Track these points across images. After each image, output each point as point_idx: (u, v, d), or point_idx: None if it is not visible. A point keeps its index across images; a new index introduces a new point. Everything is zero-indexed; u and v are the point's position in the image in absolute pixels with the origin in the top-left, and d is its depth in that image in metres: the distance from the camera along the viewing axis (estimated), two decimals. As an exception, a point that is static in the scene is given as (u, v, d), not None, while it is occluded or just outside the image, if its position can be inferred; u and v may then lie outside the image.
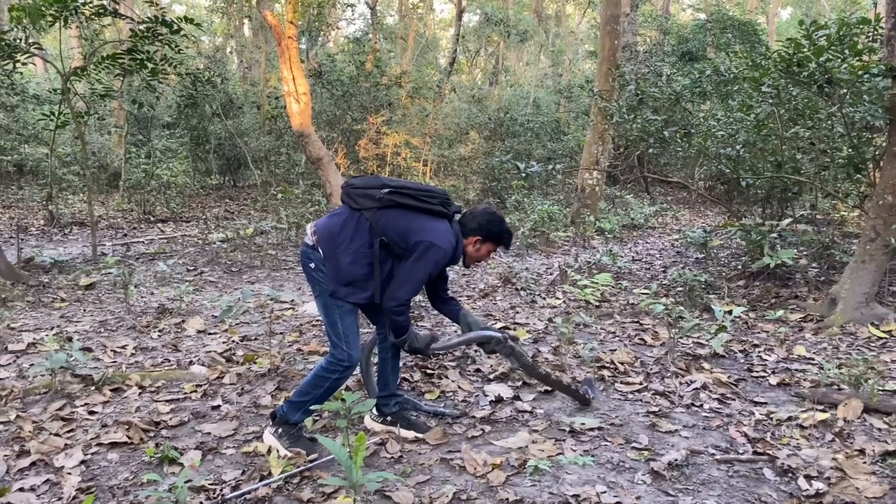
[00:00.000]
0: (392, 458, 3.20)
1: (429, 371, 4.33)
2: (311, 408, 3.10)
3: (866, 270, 5.44)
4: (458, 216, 3.25)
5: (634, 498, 2.83)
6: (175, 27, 9.02)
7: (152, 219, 13.57)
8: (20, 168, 18.20)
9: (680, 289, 6.77)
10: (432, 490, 2.88)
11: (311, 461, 3.06)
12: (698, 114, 8.46)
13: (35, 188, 15.83)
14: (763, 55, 6.20)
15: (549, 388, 3.96)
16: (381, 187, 3.05)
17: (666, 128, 7.72)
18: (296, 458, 3.09)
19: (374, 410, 3.51)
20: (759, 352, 4.85)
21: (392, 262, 3.09)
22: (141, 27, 9.01)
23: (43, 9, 8.52)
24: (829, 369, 4.11)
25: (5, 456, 3.16)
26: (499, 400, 3.88)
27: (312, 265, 3.11)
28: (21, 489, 2.89)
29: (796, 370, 4.44)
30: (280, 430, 3.19)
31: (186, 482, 2.52)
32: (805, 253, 7.61)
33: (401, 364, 4.41)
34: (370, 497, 2.81)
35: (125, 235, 11.55)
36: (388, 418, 3.47)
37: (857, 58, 5.74)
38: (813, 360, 4.65)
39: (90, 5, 8.59)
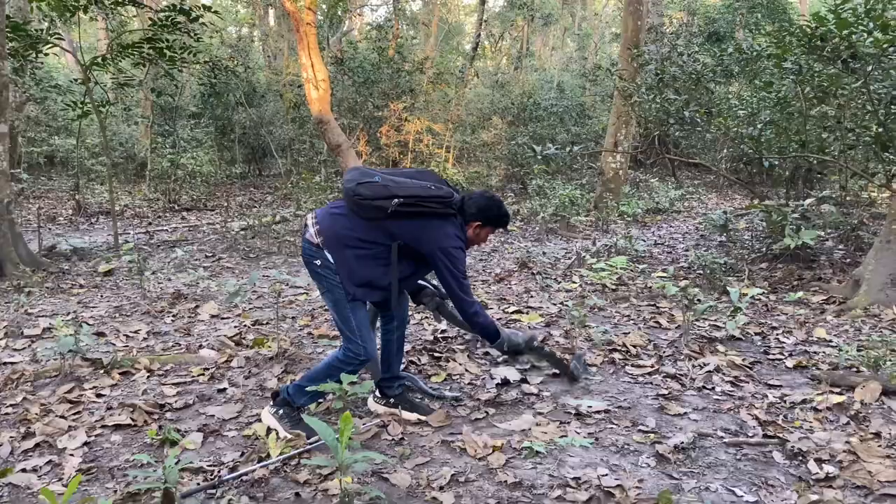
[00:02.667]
0: (393, 440, 3.17)
1: (437, 354, 4.29)
2: (310, 388, 3.08)
3: (892, 251, 5.28)
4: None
5: (637, 481, 2.76)
6: (193, 15, 9.05)
7: (177, 207, 13.70)
8: (51, 159, 18.53)
9: (700, 272, 6.65)
10: (431, 472, 2.84)
11: (311, 443, 3.05)
12: (723, 93, 8.28)
13: (64, 178, 16.10)
14: (787, 31, 6.01)
15: (556, 372, 3.92)
16: (390, 198, 2.99)
17: (686, 108, 7.55)
18: (295, 440, 3.07)
19: (378, 392, 3.48)
20: (777, 334, 4.73)
21: (411, 261, 3.16)
22: (160, 16, 9.06)
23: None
24: (846, 351, 3.98)
25: (11, 437, 3.19)
26: (505, 383, 3.83)
27: (318, 262, 3.11)
28: (23, 470, 2.91)
29: (814, 353, 4.32)
30: (281, 412, 3.18)
31: (176, 463, 2.50)
32: (832, 234, 7.42)
33: (408, 347, 4.39)
34: (367, 479, 2.79)
35: (150, 224, 11.67)
36: (392, 400, 3.44)
37: (884, 31, 5.55)
38: (832, 342, 4.52)
39: (110, -6, 8.65)
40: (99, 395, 3.72)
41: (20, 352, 4.52)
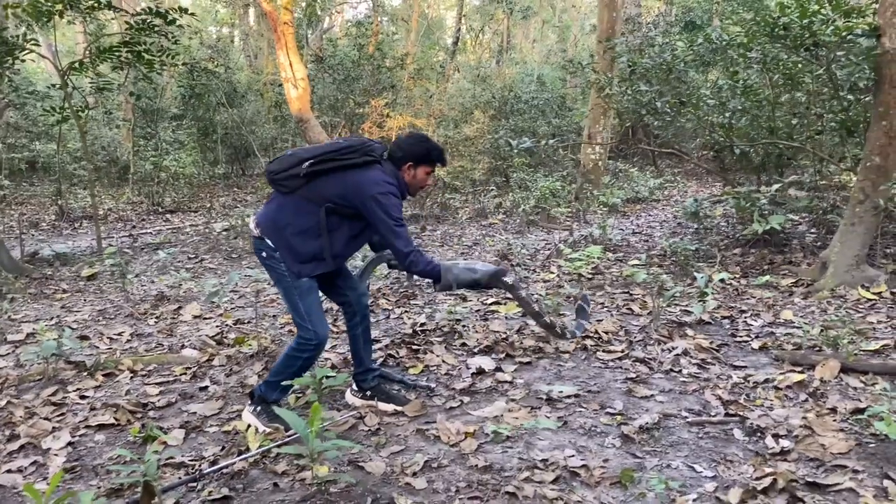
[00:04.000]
0: (370, 430, 3.28)
1: (415, 347, 4.40)
2: (284, 383, 3.18)
3: (856, 233, 5.43)
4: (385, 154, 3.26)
5: (602, 461, 2.88)
6: (170, 18, 9.08)
7: (161, 210, 13.72)
8: (32, 165, 18.44)
9: (674, 258, 6.78)
10: (405, 459, 2.95)
11: (289, 436, 3.15)
12: (696, 83, 8.40)
13: (47, 184, 16.06)
14: (752, 20, 6.14)
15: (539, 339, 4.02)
16: (300, 163, 3.09)
17: (658, 98, 7.68)
18: (274, 433, 3.17)
19: (354, 386, 3.58)
20: (745, 317, 4.87)
21: (347, 222, 3.15)
22: (136, 19, 9.08)
23: (40, 4, 8.58)
24: (807, 332, 4.12)
25: (-4, 440, 3.28)
26: (480, 372, 3.94)
27: (264, 254, 3.19)
28: (9, 471, 3.00)
29: (781, 334, 4.45)
30: (259, 409, 3.28)
31: (158, 458, 2.60)
32: (805, 218, 7.58)
33: (386, 341, 4.50)
34: (343, 467, 2.89)
35: (133, 227, 11.71)
36: (368, 393, 3.54)
37: (847, 18, 5.69)
38: (798, 324, 4.66)
39: (86, -1, 8.65)
40: (83, 397, 3.81)
41: (4, 357, 4.59)
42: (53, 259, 7.72)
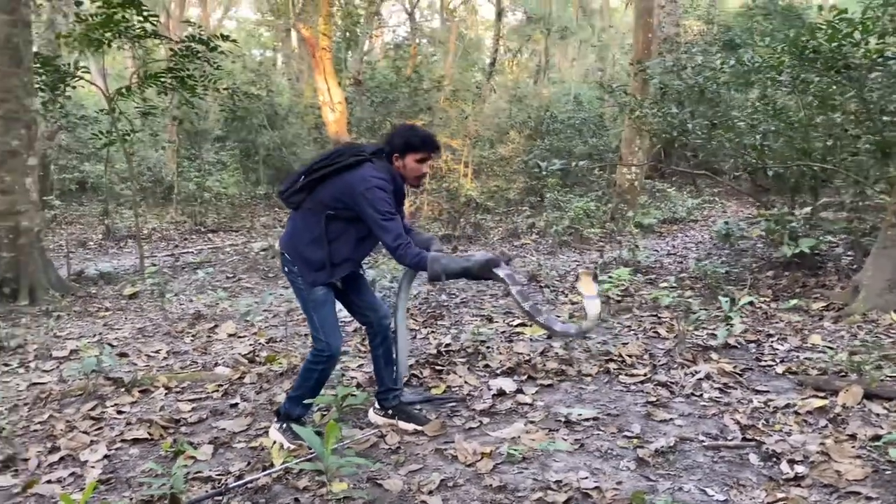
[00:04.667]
0: (390, 448, 3.37)
1: (438, 367, 4.49)
2: (306, 401, 3.29)
3: (889, 256, 5.36)
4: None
5: (615, 483, 2.92)
6: (212, 45, 9.42)
7: (203, 229, 14.08)
8: (82, 185, 19.10)
9: (708, 281, 6.75)
10: (422, 478, 3.03)
11: (311, 453, 3.25)
12: (731, 103, 8.36)
13: (95, 204, 16.62)
14: (781, 43, 6.14)
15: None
16: (299, 177, 3.28)
17: (691, 120, 7.68)
18: (298, 450, 3.28)
19: (377, 404, 3.68)
20: (772, 341, 4.84)
21: (352, 226, 3.24)
22: (180, 46, 9.43)
23: (90, 34, 8.96)
24: (831, 356, 4.10)
25: (38, 452, 3.45)
26: (501, 393, 4.00)
27: (286, 269, 3.38)
28: (48, 481, 3.17)
29: (806, 359, 4.42)
30: (284, 426, 3.40)
31: (186, 472, 2.73)
32: (844, 240, 7.47)
33: (411, 361, 4.60)
34: (362, 484, 2.99)
35: (176, 246, 12.04)
36: (390, 412, 3.64)
37: (880, 40, 5.66)
38: (826, 348, 4.62)
39: (133, 28, 9.02)
40: (119, 412, 3.98)
41: (49, 372, 4.81)
42: (98, 278, 8.02)
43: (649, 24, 12.45)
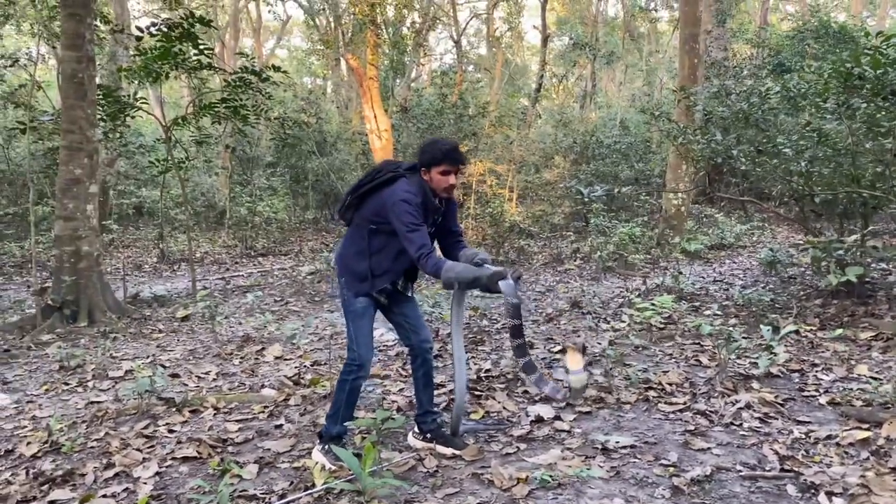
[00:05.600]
0: (428, 472, 3.44)
1: (477, 392, 4.55)
2: (346, 424, 3.40)
3: (939, 286, 5.24)
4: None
5: (649, 511, 2.94)
6: (264, 76, 9.77)
7: (253, 253, 14.45)
8: (139, 209, 19.81)
9: (753, 309, 6.68)
10: (458, 501, 3.10)
11: (351, 474, 3.35)
12: (782, 127, 8.27)
13: (150, 228, 17.20)
14: (827, 70, 6.10)
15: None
16: (348, 196, 3.53)
17: (736, 146, 7.64)
18: (339, 471, 3.38)
19: (416, 428, 3.76)
20: (816, 371, 4.77)
21: (393, 239, 3.41)
22: (233, 77, 9.81)
23: (149, 65, 9.39)
24: (876, 386, 4.03)
25: (94, 468, 3.63)
26: (539, 420, 4.05)
27: (338, 282, 3.62)
28: (104, 496, 3.33)
29: (851, 389, 4.35)
30: (326, 447, 3.51)
31: (232, 490, 2.85)
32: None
33: (452, 386, 4.67)
34: (400, 507, 3.07)
35: (227, 270, 12.39)
36: (428, 435, 3.71)
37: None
38: (873, 379, 4.54)
39: (189, 61, 9.42)
40: (171, 431, 4.14)
41: (105, 391, 5.04)
42: (152, 300, 8.33)
43: (695, 49, 12.42)
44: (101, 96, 8.95)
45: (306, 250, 14.79)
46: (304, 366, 5.47)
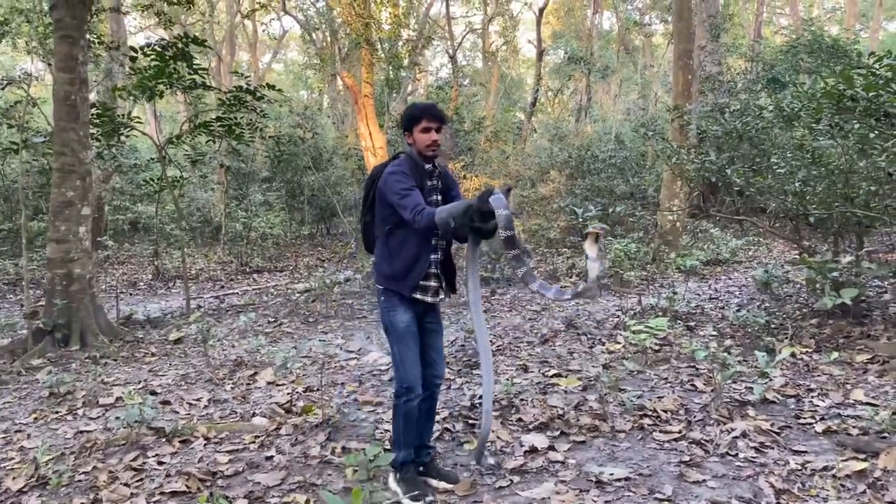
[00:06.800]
0: (420, 507, 3.39)
1: (472, 421, 4.51)
2: (407, 444, 3.48)
3: (935, 309, 5.22)
4: None
5: (644, 550, 2.90)
6: (258, 95, 9.76)
7: (248, 270, 14.40)
8: (134, 224, 19.78)
9: (748, 329, 6.65)
10: (450, 540, 3.05)
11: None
12: (775, 143, 8.27)
13: (146, 244, 17.14)
14: (819, 91, 6.10)
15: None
16: (362, 215, 3.74)
17: (730, 165, 7.64)
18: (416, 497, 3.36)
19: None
20: (812, 396, 4.74)
21: (409, 238, 3.43)
22: (227, 96, 9.79)
23: (145, 83, 9.35)
24: (872, 414, 4.00)
25: (81, 503, 3.57)
26: (533, 450, 4.00)
27: (378, 303, 3.62)
28: (90, 534, 3.28)
29: (848, 416, 4.32)
30: (398, 476, 3.51)
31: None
32: (892, 285, 7.28)
33: (444, 414, 4.63)
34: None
35: (222, 287, 12.33)
36: (421, 469, 3.67)
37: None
38: (870, 405, 4.51)
39: (184, 79, 9.40)
40: (160, 463, 4.09)
41: (95, 420, 4.98)
42: (145, 322, 8.27)
43: (689, 65, 12.45)
44: (96, 115, 8.92)
45: (301, 266, 14.74)
46: (297, 392, 5.41)
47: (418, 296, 3.47)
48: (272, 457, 4.12)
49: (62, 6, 7.15)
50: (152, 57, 8.89)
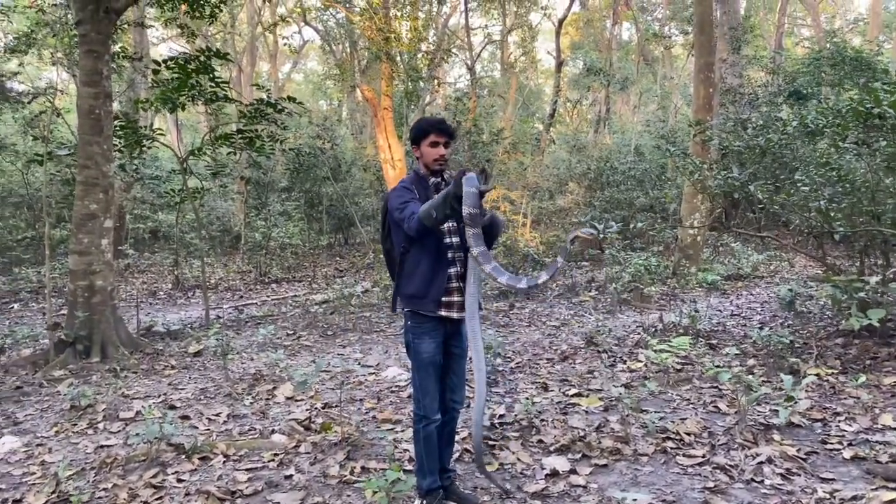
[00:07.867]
0: (440, 532, 3.36)
1: (491, 442, 4.47)
2: (430, 471, 3.45)
3: (965, 331, 5.11)
4: None
5: (669, 582, 2.85)
6: (279, 107, 9.81)
7: (267, 280, 14.44)
8: (154, 233, 19.95)
9: (772, 349, 6.55)
10: (471, 567, 3.01)
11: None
12: (799, 159, 8.17)
13: (166, 252, 17.28)
14: (845, 108, 6.02)
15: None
16: (383, 240, 3.71)
17: (753, 181, 7.55)
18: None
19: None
20: (839, 421, 4.65)
21: (423, 257, 3.40)
22: (248, 108, 9.86)
23: (167, 95, 9.44)
24: (903, 444, 3.91)
25: (102, 522, 3.58)
26: (554, 473, 3.96)
27: (403, 326, 3.60)
28: (110, 554, 3.27)
29: (876, 442, 4.24)
30: (425, 502, 3.48)
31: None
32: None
33: (464, 434, 4.59)
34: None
35: (241, 297, 12.38)
36: (441, 492, 3.63)
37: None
38: (898, 431, 4.41)
39: (205, 92, 9.48)
40: (180, 481, 4.09)
41: (115, 434, 4.99)
42: (165, 334, 8.31)
43: (710, 78, 12.38)
44: (119, 127, 9.01)
45: (320, 276, 14.77)
46: (316, 408, 5.40)
47: (443, 312, 3.41)
48: (291, 476, 4.11)
49: (88, 21, 7.23)
50: (174, 70, 8.98)
